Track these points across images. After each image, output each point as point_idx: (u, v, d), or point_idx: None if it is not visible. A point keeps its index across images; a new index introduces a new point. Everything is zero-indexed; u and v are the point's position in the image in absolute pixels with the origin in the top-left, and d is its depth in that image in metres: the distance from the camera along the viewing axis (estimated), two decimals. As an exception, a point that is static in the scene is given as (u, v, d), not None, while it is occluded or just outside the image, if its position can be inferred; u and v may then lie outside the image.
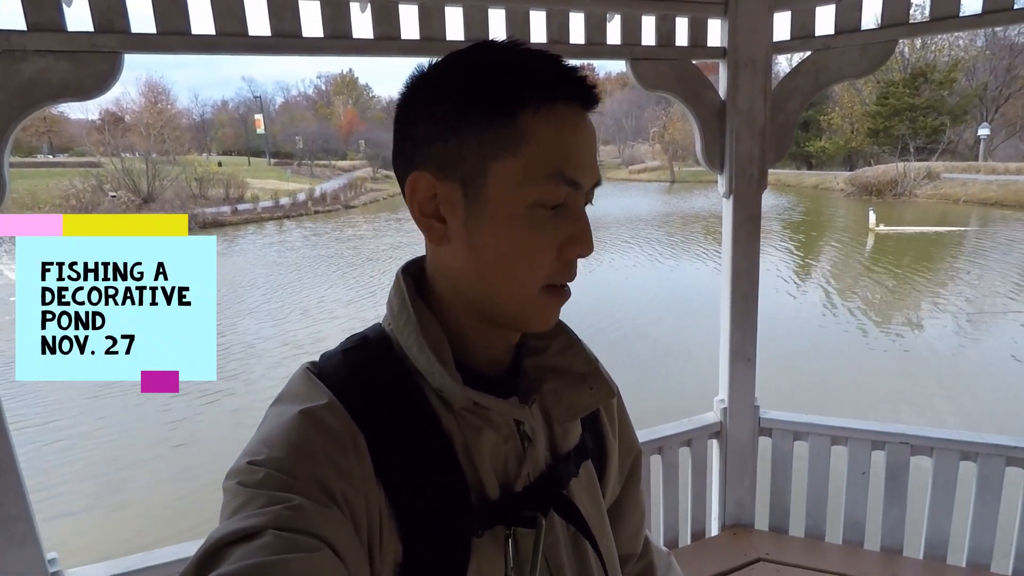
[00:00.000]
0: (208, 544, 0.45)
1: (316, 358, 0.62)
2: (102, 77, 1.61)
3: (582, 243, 0.58)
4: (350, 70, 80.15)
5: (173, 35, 1.66)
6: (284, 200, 34.30)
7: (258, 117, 59.50)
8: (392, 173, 0.64)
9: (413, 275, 0.64)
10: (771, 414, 2.68)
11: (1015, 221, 22.17)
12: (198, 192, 33.68)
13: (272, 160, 58.01)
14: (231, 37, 1.72)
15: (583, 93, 0.56)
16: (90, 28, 1.59)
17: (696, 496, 2.72)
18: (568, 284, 0.60)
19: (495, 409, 0.60)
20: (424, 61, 0.59)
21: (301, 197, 35.62)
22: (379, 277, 16.41)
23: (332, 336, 10.84)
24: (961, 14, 2.10)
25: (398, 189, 0.60)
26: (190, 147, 52.47)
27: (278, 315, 12.80)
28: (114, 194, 31.01)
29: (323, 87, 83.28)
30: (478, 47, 0.57)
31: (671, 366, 8.74)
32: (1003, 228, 21.09)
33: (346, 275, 16.86)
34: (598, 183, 0.60)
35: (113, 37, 1.61)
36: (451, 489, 0.57)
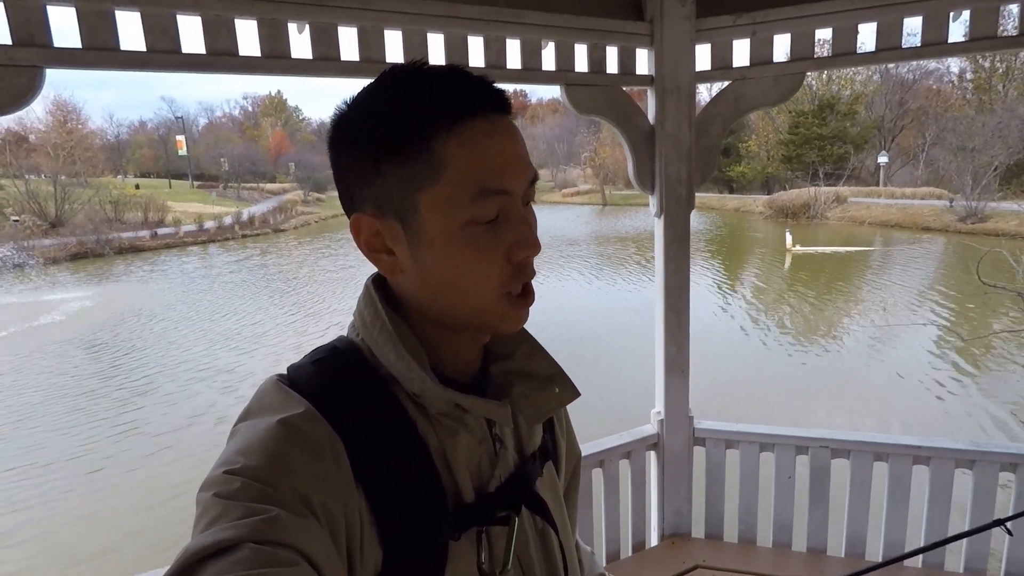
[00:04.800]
0: (184, 558, 0.44)
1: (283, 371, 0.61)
2: (20, 92, 1.53)
3: (526, 245, 0.57)
4: (279, 91, 78.37)
5: (101, 50, 1.60)
6: (209, 224, 32.84)
7: (180, 138, 56.87)
8: (323, 196, 0.64)
9: (380, 285, 0.64)
10: (704, 423, 2.79)
11: (913, 241, 24.18)
12: (113, 216, 31.76)
13: (195, 183, 55.54)
14: (163, 54, 1.67)
15: (491, 100, 0.56)
16: (8, 41, 1.52)
17: (636, 507, 2.78)
18: (530, 284, 0.60)
19: (475, 409, 0.61)
20: (352, 90, 0.58)
21: (228, 220, 34.23)
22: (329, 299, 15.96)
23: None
24: (858, 51, 2.32)
25: (331, 212, 0.60)
26: (104, 169, 49.50)
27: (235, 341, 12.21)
28: (17, 218, 28.82)
29: (250, 108, 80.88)
30: (382, 80, 0.57)
31: (606, 382, 8.91)
32: (903, 248, 22.95)
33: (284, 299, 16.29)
34: (535, 179, 0.60)
35: (33, 51, 1.54)
36: (428, 494, 0.57)
